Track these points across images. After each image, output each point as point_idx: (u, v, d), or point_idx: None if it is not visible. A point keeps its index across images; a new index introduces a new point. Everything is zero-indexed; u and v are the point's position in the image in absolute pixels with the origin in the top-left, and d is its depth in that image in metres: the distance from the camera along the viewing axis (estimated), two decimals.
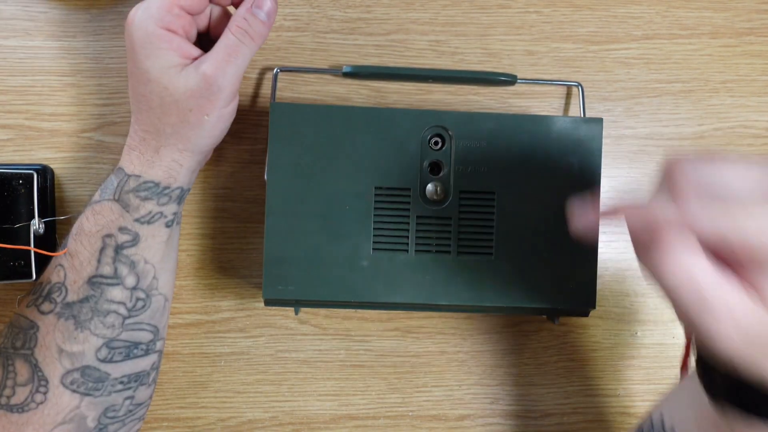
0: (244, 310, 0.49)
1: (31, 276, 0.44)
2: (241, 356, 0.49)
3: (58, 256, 0.41)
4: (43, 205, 0.45)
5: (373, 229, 0.42)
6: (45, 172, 0.46)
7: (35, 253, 0.44)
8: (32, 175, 0.45)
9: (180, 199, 0.43)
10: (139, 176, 0.41)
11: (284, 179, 0.42)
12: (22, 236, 0.44)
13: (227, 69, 0.39)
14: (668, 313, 0.50)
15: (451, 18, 0.49)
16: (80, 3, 0.48)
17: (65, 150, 0.48)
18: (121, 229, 0.40)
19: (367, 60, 0.49)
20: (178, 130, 0.40)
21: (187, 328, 0.48)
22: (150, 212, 0.41)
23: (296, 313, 0.47)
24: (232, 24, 0.40)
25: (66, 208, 0.48)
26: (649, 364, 0.50)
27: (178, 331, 0.48)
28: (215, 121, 0.41)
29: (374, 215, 0.42)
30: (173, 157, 0.41)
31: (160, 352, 0.44)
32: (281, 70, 0.48)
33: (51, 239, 0.46)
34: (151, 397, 0.44)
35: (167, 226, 0.42)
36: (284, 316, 0.49)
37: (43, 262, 0.43)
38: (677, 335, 0.51)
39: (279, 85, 0.48)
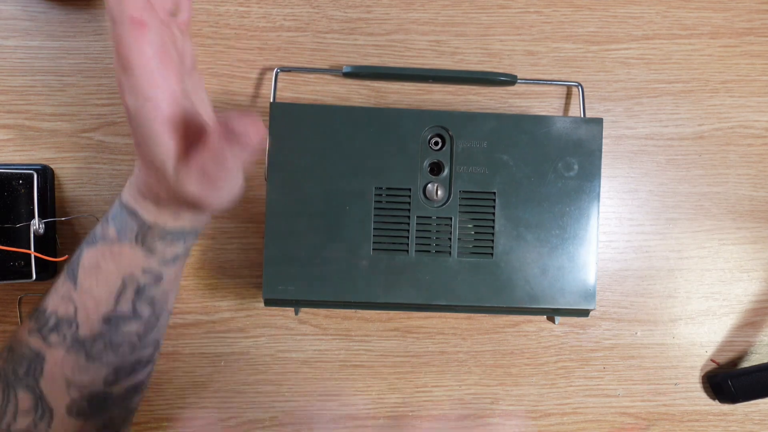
0: (244, 310, 0.49)
1: (31, 276, 0.44)
2: (241, 356, 0.49)
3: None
4: (43, 205, 0.45)
5: (373, 229, 0.42)
6: (45, 172, 0.46)
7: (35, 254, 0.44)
8: (32, 175, 0.45)
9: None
10: (163, 227, 0.36)
11: (284, 179, 0.42)
12: (23, 236, 0.44)
13: (214, 195, 0.32)
14: (668, 313, 0.50)
15: (451, 18, 0.49)
16: (80, 3, 0.48)
17: (65, 150, 0.48)
18: (145, 271, 0.37)
19: (367, 60, 0.49)
20: (192, 212, 0.36)
21: (187, 328, 0.48)
22: (177, 254, 0.37)
23: (296, 313, 0.47)
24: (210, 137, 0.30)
25: (66, 208, 0.48)
26: (649, 364, 0.50)
27: (178, 331, 0.48)
28: (226, 207, 0.36)
29: (374, 215, 0.42)
30: (196, 218, 0.37)
31: (156, 359, 0.43)
32: (281, 70, 0.48)
33: (51, 239, 0.46)
34: (141, 402, 0.44)
35: (188, 255, 0.39)
36: (284, 316, 0.49)
37: (43, 263, 0.43)
38: (677, 335, 0.51)
39: (279, 85, 0.48)
